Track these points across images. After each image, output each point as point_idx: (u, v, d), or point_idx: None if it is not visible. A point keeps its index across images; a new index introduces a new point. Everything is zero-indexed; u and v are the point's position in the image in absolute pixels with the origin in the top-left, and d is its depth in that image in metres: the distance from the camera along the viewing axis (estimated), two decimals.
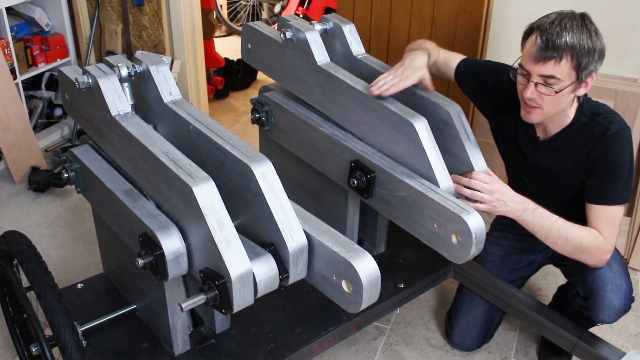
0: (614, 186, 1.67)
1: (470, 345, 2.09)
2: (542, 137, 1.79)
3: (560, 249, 1.68)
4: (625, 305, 1.77)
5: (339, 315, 1.78)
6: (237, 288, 1.19)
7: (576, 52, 1.52)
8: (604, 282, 1.75)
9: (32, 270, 1.52)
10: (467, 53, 2.67)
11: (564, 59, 1.53)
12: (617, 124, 1.67)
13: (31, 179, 2.96)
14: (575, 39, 1.51)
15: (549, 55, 1.53)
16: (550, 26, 1.54)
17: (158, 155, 1.30)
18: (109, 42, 3.49)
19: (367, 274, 1.22)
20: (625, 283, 1.77)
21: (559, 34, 1.52)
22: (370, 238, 2.06)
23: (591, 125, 1.69)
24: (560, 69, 1.54)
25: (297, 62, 1.79)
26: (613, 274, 1.75)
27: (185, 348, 1.63)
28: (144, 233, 1.32)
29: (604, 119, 1.68)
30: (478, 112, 2.64)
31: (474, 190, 1.60)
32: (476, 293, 2.02)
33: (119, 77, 1.46)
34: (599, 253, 1.68)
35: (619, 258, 1.81)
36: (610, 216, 1.68)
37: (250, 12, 5.61)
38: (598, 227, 1.68)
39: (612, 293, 1.74)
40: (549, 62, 1.53)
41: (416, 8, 2.73)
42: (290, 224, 1.26)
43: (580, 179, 1.74)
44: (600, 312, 1.76)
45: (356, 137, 1.74)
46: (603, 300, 1.75)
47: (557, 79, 1.55)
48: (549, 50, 1.52)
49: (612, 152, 1.66)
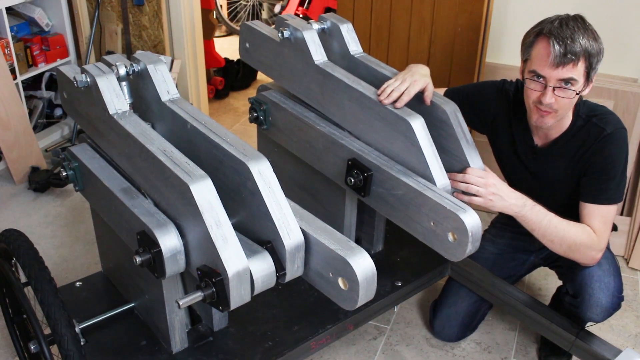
0: (607, 186, 1.68)
1: (450, 335, 2.11)
2: (540, 144, 1.80)
3: (556, 248, 1.69)
4: (613, 304, 1.77)
5: (337, 313, 1.79)
6: (234, 285, 1.19)
7: (589, 53, 1.56)
8: (591, 280, 1.76)
9: (28, 264, 1.52)
10: (467, 53, 2.69)
11: (580, 60, 1.56)
12: (612, 125, 1.69)
13: (31, 179, 2.97)
14: (586, 41, 1.55)
15: (568, 59, 1.55)
16: (560, 30, 1.55)
17: (156, 154, 1.30)
18: (109, 42, 3.50)
19: (363, 271, 1.23)
20: (613, 281, 1.77)
21: (572, 38, 1.54)
22: (367, 236, 2.06)
23: (587, 127, 1.71)
24: (577, 71, 1.57)
25: (294, 61, 1.80)
26: (602, 272, 1.76)
27: (183, 346, 1.64)
28: (142, 231, 1.33)
29: (600, 119, 1.70)
30: None
31: (469, 184, 1.61)
32: (474, 291, 2.03)
33: (117, 75, 1.46)
34: (592, 251, 1.69)
35: (610, 257, 1.82)
36: (603, 215, 1.69)
37: (250, 12, 5.61)
38: (591, 226, 1.69)
39: (600, 291, 1.75)
40: (567, 65, 1.56)
41: (416, 8, 2.73)
42: (287, 222, 1.27)
43: (577, 181, 1.75)
44: (589, 310, 1.77)
45: (353, 135, 1.74)
46: (590, 298, 1.76)
47: (575, 80, 1.58)
48: (567, 54, 1.54)
49: (607, 151, 1.68)
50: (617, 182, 1.68)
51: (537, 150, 1.80)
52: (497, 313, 2.25)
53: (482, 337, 2.17)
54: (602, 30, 1.59)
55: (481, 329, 2.19)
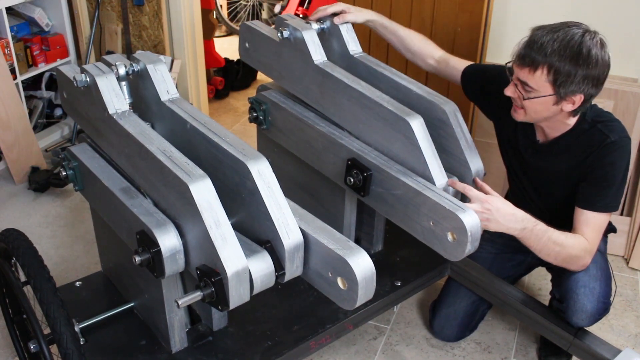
0: (605, 194, 1.68)
1: (449, 335, 2.11)
2: (541, 141, 1.80)
3: (551, 260, 1.69)
4: (599, 309, 1.77)
5: (336, 313, 1.79)
6: (233, 285, 1.20)
7: (554, 68, 1.52)
8: (577, 286, 1.76)
9: (27, 263, 1.53)
10: (467, 53, 2.69)
11: (539, 70, 1.54)
12: (617, 133, 1.67)
13: (31, 179, 2.97)
14: (556, 57, 1.51)
15: (525, 63, 1.55)
16: (541, 35, 1.54)
17: (155, 153, 1.31)
18: (109, 42, 3.50)
19: (362, 271, 1.23)
20: (599, 286, 1.77)
21: (542, 46, 1.52)
22: (367, 236, 2.06)
23: (591, 132, 1.70)
24: (535, 79, 1.56)
25: (294, 61, 1.80)
26: (588, 277, 1.76)
27: (182, 345, 1.64)
28: (141, 230, 1.33)
29: (605, 126, 1.69)
30: (478, 113, 2.65)
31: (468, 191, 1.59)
32: (474, 291, 2.03)
33: (116, 75, 1.46)
34: (583, 260, 1.70)
35: (600, 261, 1.81)
36: (597, 223, 1.69)
37: (250, 12, 5.61)
38: (583, 232, 1.69)
39: (585, 297, 1.75)
40: (524, 69, 1.56)
41: (416, 8, 2.74)
42: (286, 221, 1.27)
43: (575, 184, 1.75)
44: (574, 315, 1.77)
45: (353, 135, 1.74)
46: (575, 304, 1.76)
47: (530, 87, 1.57)
48: (525, 57, 1.55)
49: (608, 159, 1.67)
50: (614, 190, 1.68)
51: (538, 146, 1.80)
52: (497, 313, 2.25)
53: (482, 337, 2.17)
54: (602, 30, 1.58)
55: (481, 329, 2.19)
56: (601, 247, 1.90)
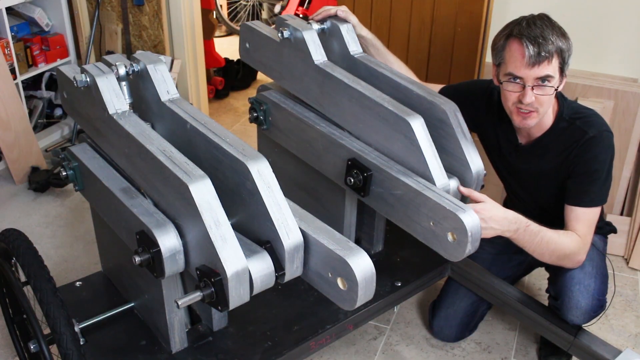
0: (591, 189, 1.70)
1: (448, 335, 2.11)
2: (523, 143, 1.83)
3: (545, 259, 1.70)
4: (593, 307, 1.78)
5: (336, 314, 1.79)
6: (233, 285, 1.19)
7: (561, 49, 1.60)
8: (571, 283, 1.77)
9: (27, 263, 1.53)
10: (467, 53, 2.69)
11: (554, 57, 1.60)
12: (596, 128, 1.70)
13: (31, 179, 2.97)
14: (556, 38, 1.60)
15: (543, 57, 1.58)
16: (529, 31, 1.59)
17: (155, 154, 1.31)
18: (109, 42, 3.50)
19: (362, 271, 1.23)
20: (594, 284, 1.78)
21: (544, 36, 1.58)
22: (367, 236, 2.06)
23: (571, 130, 1.73)
24: (552, 67, 1.60)
25: (294, 61, 1.80)
26: (583, 274, 1.77)
27: (182, 345, 1.64)
28: (141, 231, 1.33)
29: (584, 122, 1.72)
30: None
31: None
32: (474, 291, 2.03)
33: (116, 75, 1.46)
34: (578, 256, 1.71)
35: (595, 259, 1.82)
36: (587, 218, 1.71)
37: (250, 12, 5.61)
38: (575, 229, 1.70)
39: (579, 293, 1.76)
40: (543, 63, 1.59)
41: (416, 8, 2.74)
42: (286, 222, 1.27)
43: (562, 182, 1.77)
44: (569, 313, 1.78)
45: (353, 135, 1.74)
46: (570, 301, 1.77)
47: (552, 77, 1.61)
48: (542, 52, 1.57)
49: (590, 155, 1.69)
50: (600, 184, 1.70)
51: (520, 148, 1.83)
52: (496, 313, 2.25)
53: (482, 337, 2.17)
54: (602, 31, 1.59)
55: (481, 329, 2.19)
56: (601, 247, 1.90)
